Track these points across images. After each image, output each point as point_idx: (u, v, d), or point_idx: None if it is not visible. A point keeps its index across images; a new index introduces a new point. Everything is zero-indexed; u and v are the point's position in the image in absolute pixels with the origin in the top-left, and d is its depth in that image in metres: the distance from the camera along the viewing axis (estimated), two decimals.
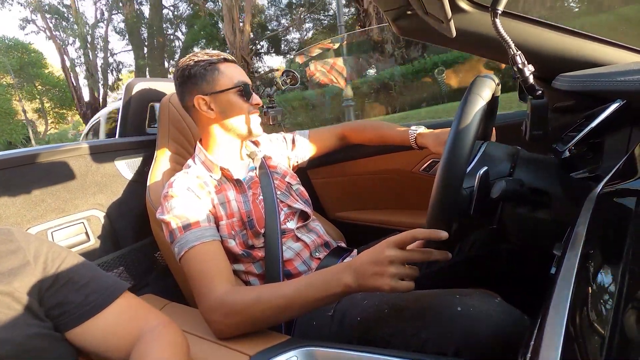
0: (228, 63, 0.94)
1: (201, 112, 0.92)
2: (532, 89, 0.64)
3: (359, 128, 1.15)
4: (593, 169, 0.68)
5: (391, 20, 0.92)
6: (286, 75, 1.28)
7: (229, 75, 0.92)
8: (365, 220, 1.37)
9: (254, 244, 0.88)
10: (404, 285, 0.59)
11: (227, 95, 0.91)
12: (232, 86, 0.91)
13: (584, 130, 0.67)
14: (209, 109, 0.92)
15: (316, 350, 0.59)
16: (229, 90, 0.91)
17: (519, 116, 1.16)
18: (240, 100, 0.92)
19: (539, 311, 0.38)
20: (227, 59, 0.94)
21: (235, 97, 0.92)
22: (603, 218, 0.43)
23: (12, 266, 0.53)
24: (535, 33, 0.82)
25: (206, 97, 0.91)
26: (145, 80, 1.32)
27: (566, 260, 0.39)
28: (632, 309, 0.27)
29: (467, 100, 0.57)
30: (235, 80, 0.92)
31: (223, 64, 0.92)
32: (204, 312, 0.72)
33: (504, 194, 0.57)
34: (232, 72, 0.93)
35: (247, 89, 0.92)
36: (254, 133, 0.96)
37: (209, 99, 0.91)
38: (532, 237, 0.66)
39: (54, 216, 1.08)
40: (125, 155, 1.26)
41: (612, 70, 0.68)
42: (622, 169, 0.50)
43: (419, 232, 0.59)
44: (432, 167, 1.22)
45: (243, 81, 0.92)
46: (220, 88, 0.91)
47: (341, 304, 0.78)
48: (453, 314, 0.64)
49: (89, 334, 0.56)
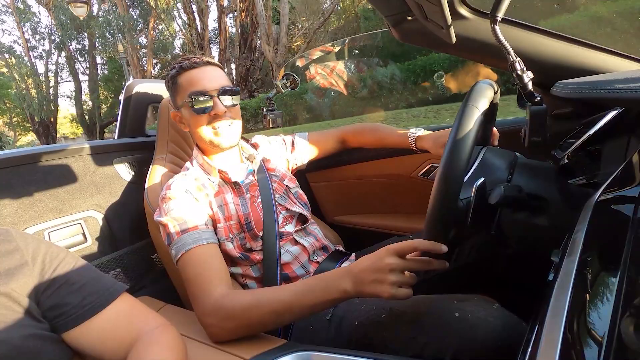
0: (187, 71, 0.88)
1: (180, 126, 0.95)
2: (531, 96, 0.65)
3: (358, 131, 1.16)
4: (591, 176, 0.68)
5: (391, 25, 0.92)
6: (286, 79, 1.29)
7: (184, 87, 0.87)
8: (364, 224, 1.37)
9: (251, 247, 0.88)
10: (402, 292, 0.59)
11: (184, 110, 0.91)
12: (186, 100, 0.87)
13: (583, 138, 0.67)
14: (182, 123, 0.94)
15: (313, 354, 0.59)
16: (184, 105, 0.89)
17: (517, 122, 1.17)
18: (193, 113, 0.87)
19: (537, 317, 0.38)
20: (184, 67, 0.88)
21: (188, 112, 0.89)
22: (601, 225, 0.43)
23: (10, 266, 0.53)
24: (534, 40, 0.82)
25: (177, 111, 0.93)
26: (145, 82, 1.32)
27: (564, 266, 0.39)
28: (630, 315, 0.27)
29: (465, 107, 0.57)
30: (188, 92, 0.86)
31: (182, 75, 0.88)
32: (200, 315, 0.71)
33: (502, 199, 0.57)
34: (189, 82, 0.87)
35: (196, 102, 0.85)
36: (219, 145, 0.90)
37: (179, 114, 0.93)
38: (530, 243, 0.66)
39: (52, 217, 1.08)
40: (124, 157, 1.26)
41: (610, 78, 0.69)
42: (620, 176, 0.50)
43: (420, 243, 0.59)
44: (431, 172, 1.22)
45: (196, 91, 0.85)
46: (179, 103, 0.90)
47: (338, 308, 0.78)
48: (451, 319, 0.64)
49: (86, 335, 0.56)
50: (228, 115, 0.89)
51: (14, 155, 1.03)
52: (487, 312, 0.63)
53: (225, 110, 0.88)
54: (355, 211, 1.42)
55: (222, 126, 0.89)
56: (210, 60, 0.90)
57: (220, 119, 0.88)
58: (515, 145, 0.85)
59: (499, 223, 0.65)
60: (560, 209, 0.61)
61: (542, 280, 0.48)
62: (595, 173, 0.69)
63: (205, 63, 0.89)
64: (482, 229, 0.66)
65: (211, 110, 0.87)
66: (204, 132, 0.89)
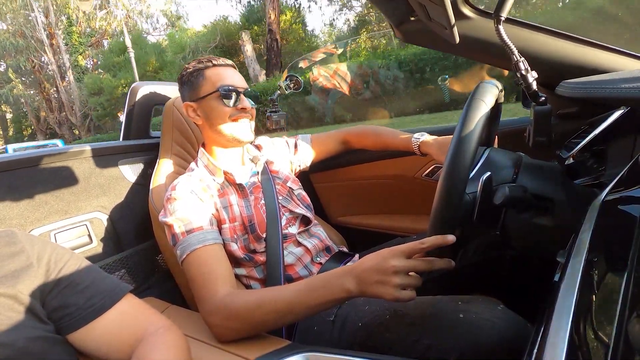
0: (216, 67, 0.92)
1: (190, 118, 0.95)
2: (536, 96, 0.64)
3: (361, 133, 1.15)
4: (597, 176, 0.68)
5: (394, 25, 0.93)
6: (289, 80, 1.29)
7: (213, 80, 0.91)
8: (368, 225, 1.37)
9: (255, 248, 0.88)
10: (406, 294, 0.58)
11: (209, 101, 0.91)
12: (213, 90, 0.90)
13: (588, 137, 0.67)
14: (196, 114, 0.94)
15: (317, 355, 0.59)
16: (210, 95, 0.91)
17: (522, 122, 1.16)
18: (221, 104, 0.90)
19: (543, 318, 0.38)
20: (216, 64, 0.92)
21: (215, 102, 0.91)
22: (607, 225, 0.43)
23: (16, 268, 0.53)
24: (538, 39, 0.82)
25: (193, 103, 0.93)
26: (150, 84, 1.33)
27: (570, 267, 0.39)
28: (637, 317, 0.26)
29: (470, 106, 0.57)
30: (218, 85, 0.90)
31: (210, 69, 0.92)
32: (205, 315, 0.71)
33: (507, 200, 0.57)
34: (218, 76, 0.91)
35: (227, 93, 0.89)
36: (239, 139, 0.93)
37: (196, 105, 0.93)
38: (535, 243, 0.66)
39: (57, 218, 1.08)
40: (129, 158, 1.27)
41: (616, 77, 0.68)
42: (626, 176, 0.49)
43: (426, 239, 0.57)
44: (434, 173, 1.22)
45: (226, 85, 0.90)
46: (203, 94, 0.91)
47: (342, 309, 0.78)
48: (455, 320, 0.63)
49: (91, 336, 0.56)
50: (250, 113, 0.94)
51: (19, 158, 1.04)
52: (492, 314, 0.62)
53: (250, 107, 0.93)
54: (359, 212, 1.42)
55: (244, 122, 0.93)
56: (235, 65, 0.97)
57: (244, 114, 0.92)
58: (519, 145, 0.85)
59: (503, 224, 0.65)
60: (565, 209, 0.60)
61: (548, 281, 0.47)
62: (601, 173, 0.68)
63: (233, 65, 0.96)
64: (487, 229, 0.66)
65: (239, 104, 0.91)
66: (227, 124, 0.91)
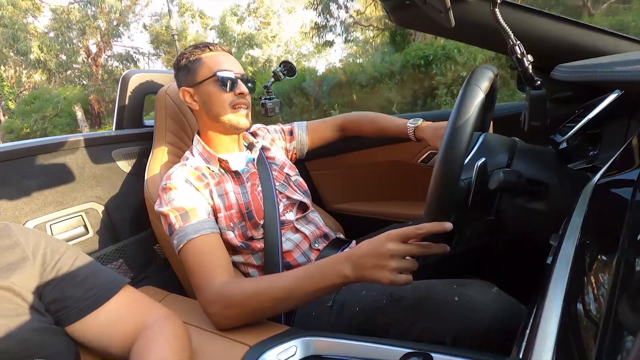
0: (213, 52, 0.92)
1: (187, 103, 0.94)
2: (531, 80, 0.64)
3: (356, 120, 1.15)
4: (590, 159, 0.68)
5: (389, 10, 0.91)
6: (284, 66, 1.27)
7: (210, 65, 0.90)
8: (364, 211, 1.37)
9: (253, 235, 0.89)
10: (402, 278, 0.59)
11: (206, 86, 0.90)
12: (210, 75, 0.90)
13: (582, 121, 0.67)
14: (193, 100, 0.93)
15: (315, 340, 0.60)
16: (207, 80, 0.90)
17: (517, 107, 1.16)
18: (218, 89, 0.90)
19: (535, 300, 0.39)
20: (212, 49, 0.92)
21: (213, 87, 0.90)
22: (599, 208, 0.43)
23: (11, 261, 0.53)
24: (534, 23, 0.81)
25: (190, 88, 0.92)
26: (142, 72, 1.30)
27: (562, 250, 0.40)
28: (627, 297, 0.27)
29: (465, 91, 0.57)
30: (215, 69, 0.89)
31: (207, 53, 0.91)
32: (203, 304, 0.72)
33: (501, 185, 0.57)
34: (215, 61, 0.90)
35: (224, 78, 0.89)
36: (237, 126, 0.92)
37: (193, 91, 0.92)
38: (529, 227, 0.67)
39: (52, 209, 1.08)
40: (122, 148, 1.25)
41: (610, 60, 0.68)
42: (619, 160, 0.50)
43: (423, 225, 0.58)
44: (430, 159, 1.22)
45: (224, 70, 0.89)
46: (200, 79, 0.90)
47: (340, 294, 0.79)
48: (451, 303, 0.65)
49: (89, 328, 0.56)
50: (247, 99, 0.93)
51: (12, 149, 1.02)
52: (486, 296, 0.64)
53: (247, 93, 0.92)
54: (355, 199, 1.43)
55: (242, 107, 0.92)
56: (231, 51, 0.96)
57: (242, 99, 0.91)
58: (513, 130, 0.85)
59: (498, 208, 0.65)
60: (559, 193, 0.61)
61: (541, 264, 0.48)
62: (594, 157, 0.69)
63: (229, 51, 0.95)
64: (482, 214, 0.67)
65: (236, 89, 0.90)
66: (225, 110, 0.91)
